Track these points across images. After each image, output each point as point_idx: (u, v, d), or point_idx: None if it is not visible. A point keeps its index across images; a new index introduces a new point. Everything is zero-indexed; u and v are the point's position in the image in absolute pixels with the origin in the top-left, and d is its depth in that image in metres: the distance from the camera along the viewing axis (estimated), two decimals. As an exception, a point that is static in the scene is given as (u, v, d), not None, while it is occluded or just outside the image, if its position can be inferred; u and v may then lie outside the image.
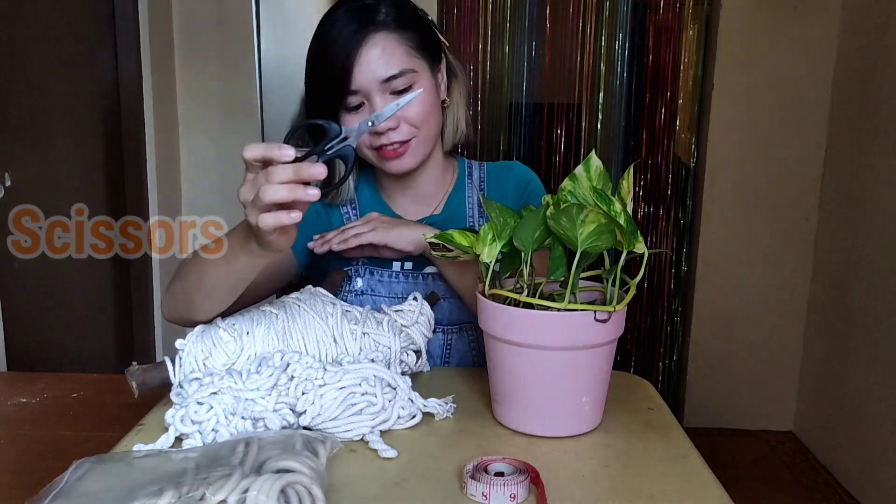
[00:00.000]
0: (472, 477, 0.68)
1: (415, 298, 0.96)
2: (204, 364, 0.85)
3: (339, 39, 0.95)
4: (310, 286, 0.96)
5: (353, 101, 0.97)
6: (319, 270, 1.10)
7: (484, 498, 0.67)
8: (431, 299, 1.02)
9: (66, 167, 2.14)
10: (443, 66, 1.06)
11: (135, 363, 0.87)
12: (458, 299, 1.07)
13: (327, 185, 0.95)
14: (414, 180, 1.09)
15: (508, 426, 0.83)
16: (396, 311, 0.94)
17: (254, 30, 2.64)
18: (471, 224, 1.11)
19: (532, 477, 0.70)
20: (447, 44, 1.08)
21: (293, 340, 0.87)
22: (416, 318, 0.94)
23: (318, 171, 0.69)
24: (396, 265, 1.09)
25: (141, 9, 2.39)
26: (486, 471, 0.70)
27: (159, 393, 0.89)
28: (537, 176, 1.16)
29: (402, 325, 0.92)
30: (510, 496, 0.67)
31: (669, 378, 2.92)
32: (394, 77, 0.96)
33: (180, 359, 0.85)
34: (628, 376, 1.00)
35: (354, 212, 1.10)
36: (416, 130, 1.00)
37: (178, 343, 0.86)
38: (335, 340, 0.89)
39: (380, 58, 0.96)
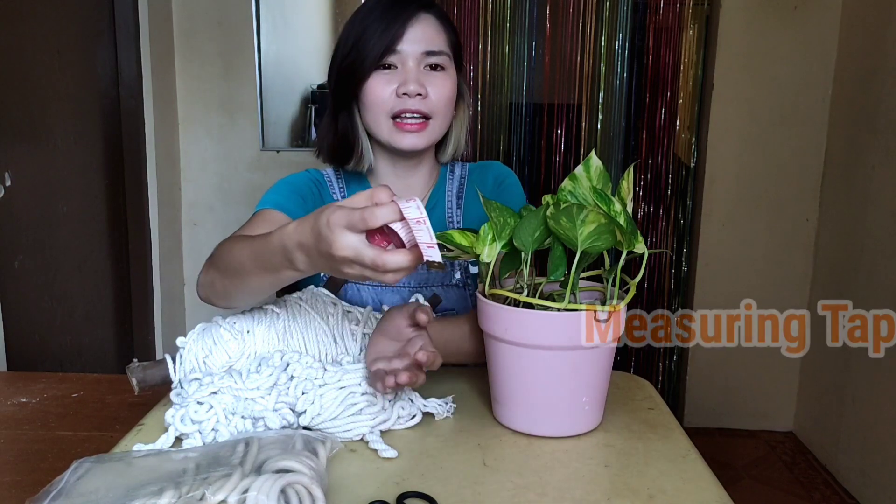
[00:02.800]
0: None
1: (415, 299, 0.96)
2: (204, 362, 0.85)
3: (399, 6, 1.03)
4: (312, 286, 0.97)
5: (390, 61, 1.03)
6: None
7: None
8: (433, 301, 1.02)
9: (66, 167, 2.14)
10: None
11: (135, 360, 0.87)
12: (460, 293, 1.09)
13: None
14: (409, 170, 1.14)
15: (508, 426, 0.83)
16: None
17: (254, 30, 2.64)
18: (448, 216, 1.16)
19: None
20: (465, 67, 1.15)
21: (294, 340, 0.87)
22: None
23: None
24: None
25: (141, 9, 2.39)
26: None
27: (159, 393, 0.89)
28: (531, 175, 1.20)
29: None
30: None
31: (669, 378, 2.92)
32: (434, 53, 1.04)
33: (181, 356, 0.85)
34: (628, 376, 1.00)
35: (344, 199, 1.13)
36: (434, 110, 1.05)
37: (179, 341, 0.86)
38: (335, 340, 0.89)
39: (428, 32, 1.04)
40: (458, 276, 1.11)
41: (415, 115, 1.04)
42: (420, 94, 1.03)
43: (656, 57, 2.71)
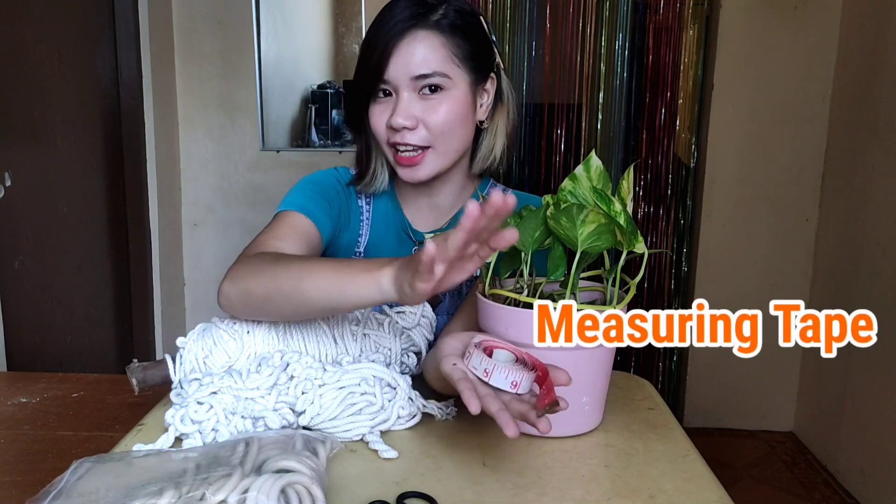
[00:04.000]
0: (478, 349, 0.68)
1: None
2: (204, 363, 0.85)
3: (386, 28, 0.95)
4: None
5: (384, 89, 0.97)
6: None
7: (486, 374, 0.67)
8: (433, 301, 1.02)
9: (66, 167, 2.14)
10: (490, 87, 1.04)
11: (135, 360, 0.87)
12: (455, 299, 1.07)
13: None
14: (430, 189, 1.08)
15: (508, 426, 0.83)
16: (398, 312, 0.94)
17: (254, 30, 2.64)
18: None
19: (539, 375, 0.67)
20: (504, 66, 1.06)
21: (293, 340, 0.87)
22: (417, 320, 0.93)
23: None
24: None
25: (141, 8, 2.40)
26: (491, 354, 0.69)
27: (159, 393, 0.89)
28: (531, 175, 1.15)
29: (404, 328, 0.92)
30: (511, 383, 0.66)
31: (669, 378, 2.92)
32: (424, 76, 0.95)
33: (181, 357, 0.85)
34: (628, 376, 1.00)
35: (368, 207, 1.10)
36: (432, 139, 0.97)
37: (179, 341, 0.86)
38: (335, 341, 0.89)
39: (417, 54, 0.94)
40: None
41: (408, 147, 0.97)
42: (408, 127, 0.95)
43: (656, 57, 2.71)
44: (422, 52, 0.94)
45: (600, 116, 2.71)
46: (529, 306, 0.77)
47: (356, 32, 2.71)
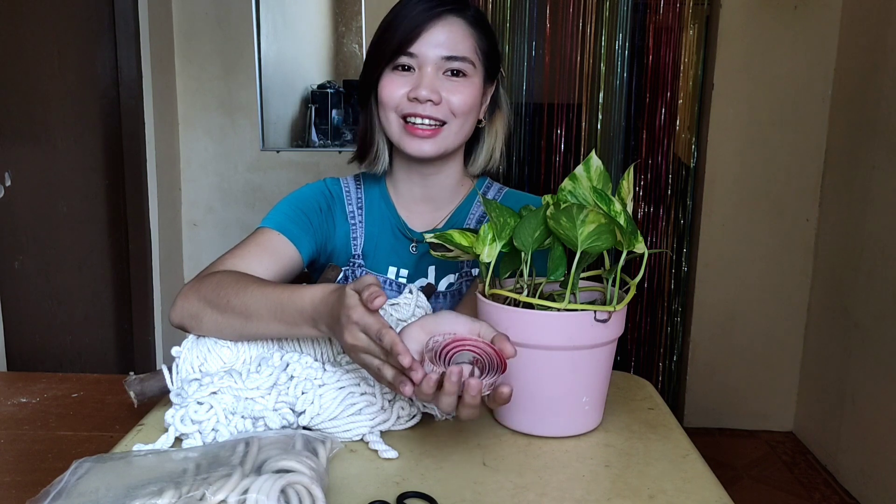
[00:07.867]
0: (432, 360, 0.67)
1: (409, 291, 0.95)
2: (200, 370, 0.85)
3: (420, 6, 0.99)
4: (304, 284, 0.96)
5: (405, 62, 1.00)
6: (318, 267, 1.10)
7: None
8: (427, 290, 1.01)
9: (66, 167, 2.14)
10: (490, 90, 1.08)
11: (132, 373, 0.87)
12: (455, 299, 1.07)
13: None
14: (427, 177, 1.09)
15: (508, 426, 0.83)
16: (392, 304, 0.93)
17: (254, 30, 2.64)
18: None
19: (502, 366, 0.68)
20: (504, 76, 1.12)
21: (288, 342, 0.87)
22: (412, 311, 0.93)
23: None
24: (392, 272, 1.09)
25: (141, 8, 2.40)
26: (447, 357, 0.68)
27: (159, 395, 0.89)
28: (531, 175, 1.17)
29: (399, 319, 0.92)
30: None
31: (669, 378, 2.92)
32: (456, 59, 1.00)
33: (177, 366, 0.85)
34: (628, 376, 1.00)
35: (360, 211, 1.10)
36: (450, 117, 1.01)
37: (174, 350, 0.86)
38: (331, 340, 0.88)
39: (450, 37, 1.00)
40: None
41: (426, 120, 1.00)
42: (432, 101, 0.99)
43: (656, 57, 2.71)
44: (454, 37, 1.00)
45: (600, 116, 2.71)
46: (529, 306, 0.77)
47: (356, 32, 2.71)
